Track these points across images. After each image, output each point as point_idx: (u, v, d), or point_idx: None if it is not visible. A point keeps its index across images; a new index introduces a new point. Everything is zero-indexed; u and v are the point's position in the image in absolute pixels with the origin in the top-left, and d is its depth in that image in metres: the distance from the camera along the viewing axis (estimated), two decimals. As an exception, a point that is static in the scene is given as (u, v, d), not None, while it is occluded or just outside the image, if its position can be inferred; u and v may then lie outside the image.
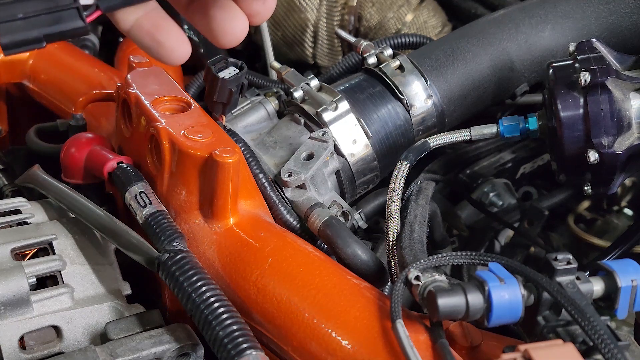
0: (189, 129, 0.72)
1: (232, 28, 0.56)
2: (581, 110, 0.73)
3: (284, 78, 0.91)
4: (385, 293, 0.73)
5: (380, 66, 0.91)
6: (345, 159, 0.85)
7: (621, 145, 0.72)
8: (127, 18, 0.54)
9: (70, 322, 0.67)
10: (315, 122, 0.86)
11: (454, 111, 0.92)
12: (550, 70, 0.76)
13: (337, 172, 0.85)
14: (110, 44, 1.34)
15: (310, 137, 0.83)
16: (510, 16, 0.94)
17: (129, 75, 0.81)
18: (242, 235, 0.71)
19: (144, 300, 0.73)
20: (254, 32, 1.38)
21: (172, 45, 0.54)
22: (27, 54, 1.11)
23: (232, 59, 0.80)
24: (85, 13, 0.49)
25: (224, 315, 0.60)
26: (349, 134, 0.85)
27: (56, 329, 0.67)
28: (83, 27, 0.48)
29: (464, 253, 0.61)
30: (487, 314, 0.55)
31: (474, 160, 1.08)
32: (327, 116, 0.84)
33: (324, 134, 0.82)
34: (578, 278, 0.57)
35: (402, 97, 0.89)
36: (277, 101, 0.92)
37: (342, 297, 0.64)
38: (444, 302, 0.55)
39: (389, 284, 0.75)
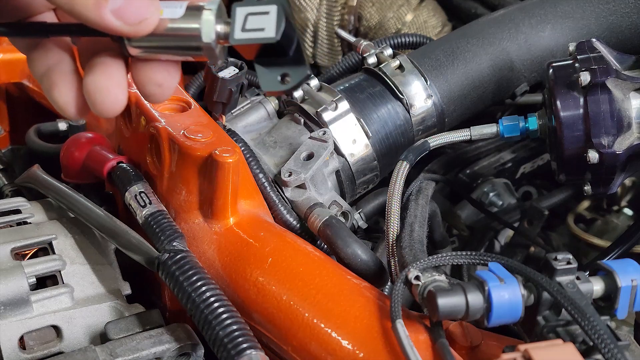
0: (188, 128, 0.72)
1: (103, 98, 0.53)
2: (581, 110, 0.73)
3: (284, 78, 0.91)
4: (385, 293, 0.73)
5: (380, 66, 0.91)
6: (345, 158, 0.85)
7: (621, 145, 0.72)
8: (37, 67, 0.55)
9: (70, 322, 0.67)
10: (315, 122, 0.86)
11: (454, 111, 0.92)
12: (550, 70, 0.76)
13: (337, 172, 0.85)
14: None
15: (310, 137, 0.83)
16: (510, 16, 0.94)
17: (127, 75, 0.81)
18: (242, 235, 0.71)
19: (144, 300, 0.73)
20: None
21: (62, 105, 0.55)
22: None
23: (232, 59, 0.80)
24: None
25: (224, 315, 0.60)
26: (349, 134, 0.85)
27: (56, 328, 0.67)
28: None
29: (464, 253, 0.61)
30: (487, 313, 0.55)
31: (474, 160, 1.08)
32: (327, 116, 0.84)
33: (323, 134, 0.82)
34: (578, 278, 0.57)
35: (402, 96, 0.89)
36: (277, 101, 0.92)
37: (342, 297, 0.64)
38: (444, 302, 0.55)
39: (389, 283, 0.75)
